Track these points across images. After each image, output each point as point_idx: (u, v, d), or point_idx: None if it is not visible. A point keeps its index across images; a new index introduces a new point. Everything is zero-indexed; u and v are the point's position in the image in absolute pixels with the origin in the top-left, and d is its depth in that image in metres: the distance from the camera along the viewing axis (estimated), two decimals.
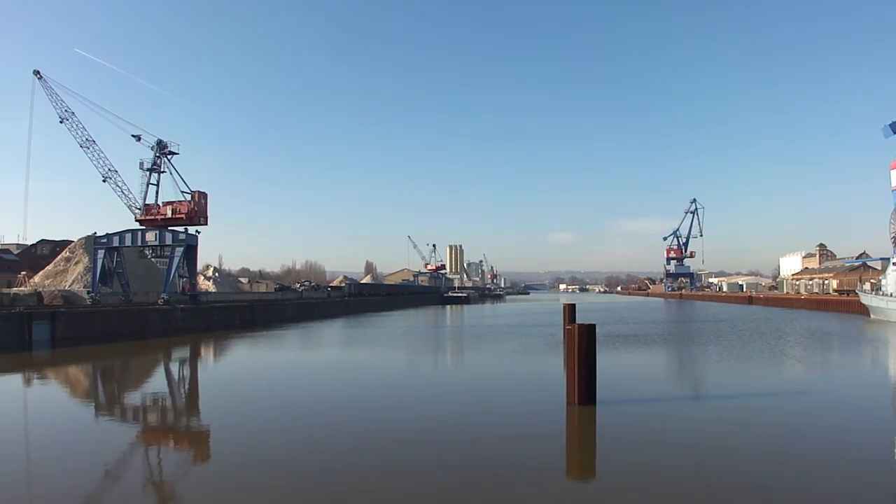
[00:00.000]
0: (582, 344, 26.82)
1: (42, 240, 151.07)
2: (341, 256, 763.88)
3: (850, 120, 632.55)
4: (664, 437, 22.56)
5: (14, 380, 41.75)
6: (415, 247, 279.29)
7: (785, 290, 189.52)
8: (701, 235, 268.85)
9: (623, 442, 21.92)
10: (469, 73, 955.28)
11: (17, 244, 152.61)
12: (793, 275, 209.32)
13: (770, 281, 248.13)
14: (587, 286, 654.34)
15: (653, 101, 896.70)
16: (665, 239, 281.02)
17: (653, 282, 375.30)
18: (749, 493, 16.31)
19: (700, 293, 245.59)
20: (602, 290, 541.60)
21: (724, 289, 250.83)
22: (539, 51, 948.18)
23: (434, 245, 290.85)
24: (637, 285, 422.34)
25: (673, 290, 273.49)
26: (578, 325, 27.66)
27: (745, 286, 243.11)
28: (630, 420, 25.41)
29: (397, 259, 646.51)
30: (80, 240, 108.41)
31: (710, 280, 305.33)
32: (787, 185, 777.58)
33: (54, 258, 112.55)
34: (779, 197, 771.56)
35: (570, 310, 55.36)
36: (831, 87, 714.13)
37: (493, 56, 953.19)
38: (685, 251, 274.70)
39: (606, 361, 37.27)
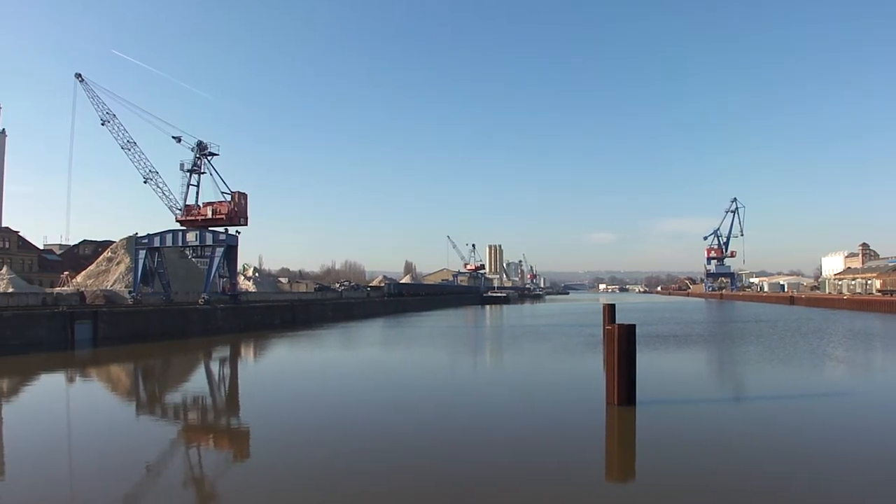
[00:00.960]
0: (622, 344, 26.65)
1: (84, 240, 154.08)
2: (381, 256, 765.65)
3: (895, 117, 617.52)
4: (705, 438, 22.28)
5: (57, 378, 42.57)
6: (454, 247, 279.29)
7: (827, 291, 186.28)
8: (742, 235, 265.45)
9: (663, 443, 21.67)
10: (511, 71, 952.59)
11: (60, 245, 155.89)
12: (835, 275, 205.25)
13: (812, 281, 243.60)
14: (627, 286, 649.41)
15: (692, 98, 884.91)
16: (705, 238, 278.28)
17: (693, 282, 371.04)
18: (791, 499, 16.03)
19: (741, 293, 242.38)
20: (642, 290, 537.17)
21: (766, 289, 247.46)
22: (577, 48, 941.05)
23: (473, 245, 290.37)
24: (677, 285, 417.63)
25: (713, 290, 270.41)
26: (618, 325, 27.52)
27: (786, 286, 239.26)
28: (670, 421, 25.13)
29: (437, 259, 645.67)
30: (121, 240, 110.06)
31: (751, 280, 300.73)
32: (830, 183, 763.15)
33: (96, 258, 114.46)
34: (821, 196, 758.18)
35: (610, 310, 55.00)
36: (875, 84, 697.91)
37: (535, 53, 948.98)
38: (726, 251, 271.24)
39: (646, 362, 36.94)
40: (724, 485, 17.02)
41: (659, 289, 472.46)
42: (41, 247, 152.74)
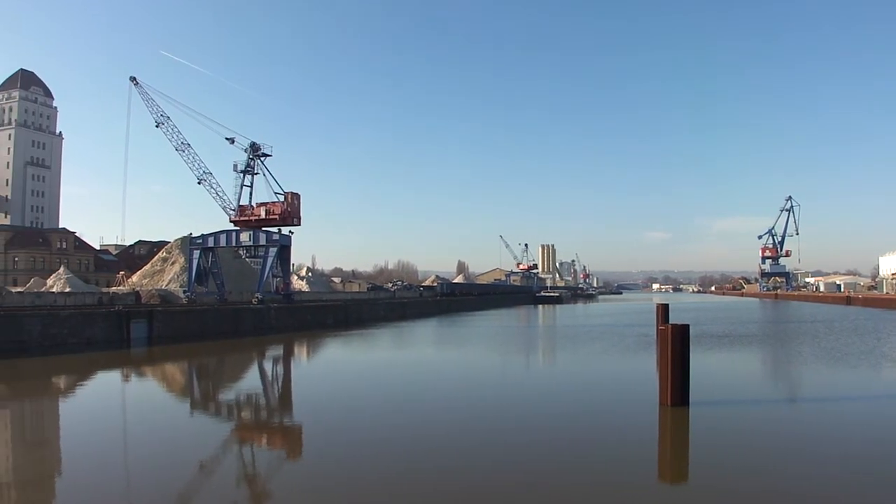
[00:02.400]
0: (675, 345, 26.37)
1: (140, 241, 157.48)
2: (433, 256, 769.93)
3: None
4: (759, 441, 21.78)
5: (113, 376, 43.54)
6: (507, 246, 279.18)
7: (885, 290, 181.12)
8: (797, 234, 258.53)
9: (716, 445, 21.40)
10: (563, 70, 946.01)
11: (116, 245, 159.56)
12: (893, 274, 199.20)
13: (869, 281, 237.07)
14: (681, 286, 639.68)
15: (749, 94, 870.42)
16: (760, 237, 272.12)
17: (747, 281, 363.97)
18: None
19: (796, 293, 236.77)
20: (696, 289, 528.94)
21: (821, 289, 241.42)
22: (628, 40, 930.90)
23: (526, 244, 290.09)
24: (731, 285, 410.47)
25: (768, 289, 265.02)
26: (672, 325, 27.28)
27: (842, 286, 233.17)
28: (724, 423, 24.78)
29: (489, 258, 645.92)
30: (176, 240, 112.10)
31: (807, 280, 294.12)
32: (887, 181, 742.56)
33: (151, 258, 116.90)
34: (878, 194, 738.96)
35: (664, 310, 54.50)
36: None
37: (586, 50, 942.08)
38: (780, 250, 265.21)
39: (700, 362, 36.36)
40: (778, 489, 16.63)
41: (713, 288, 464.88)
42: (97, 247, 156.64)
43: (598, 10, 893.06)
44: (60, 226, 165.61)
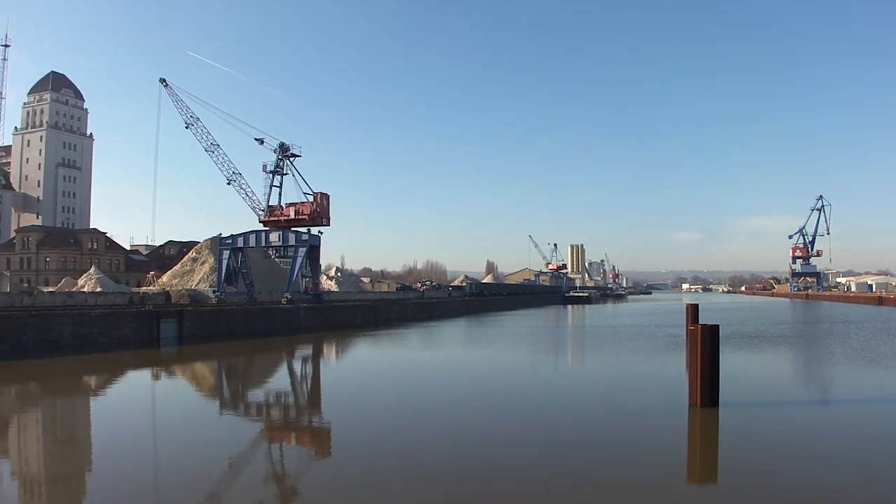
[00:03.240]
0: (705, 345, 26.31)
1: (169, 241, 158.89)
2: (462, 256, 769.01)
3: None
4: (790, 442, 21.63)
5: (143, 376, 43.95)
6: (536, 246, 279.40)
7: None
8: (828, 233, 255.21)
9: (746, 446, 21.21)
10: (594, 71, 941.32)
11: (146, 245, 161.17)
12: None
13: None
14: (710, 286, 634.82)
15: (781, 92, 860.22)
16: (790, 237, 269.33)
17: (777, 281, 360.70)
18: None
19: (827, 293, 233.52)
20: (726, 289, 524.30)
21: (853, 289, 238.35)
22: (659, 38, 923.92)
23: (555, 244, 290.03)
24: (761, 285, 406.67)
25: (798, 289, 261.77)
26: (701, 325, 27.23)
27: (874, 286, 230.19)
28: (754, 424, 24.61)
29: (518, 258, 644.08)
30: (205, 241, 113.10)
31: (838, 280, 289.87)
32: None
33: (181, 258, 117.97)
34: None
35: (693, 310, 54.25)
36: None
37: (617, 45, 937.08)
38: (811, 250, 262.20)
39: (730, 363, 36.10)
40: (809, 492, 16.52)
41: (743, 289, 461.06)
42: (128, 247, 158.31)
43: (643, 6, 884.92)
44: (91, 226, 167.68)
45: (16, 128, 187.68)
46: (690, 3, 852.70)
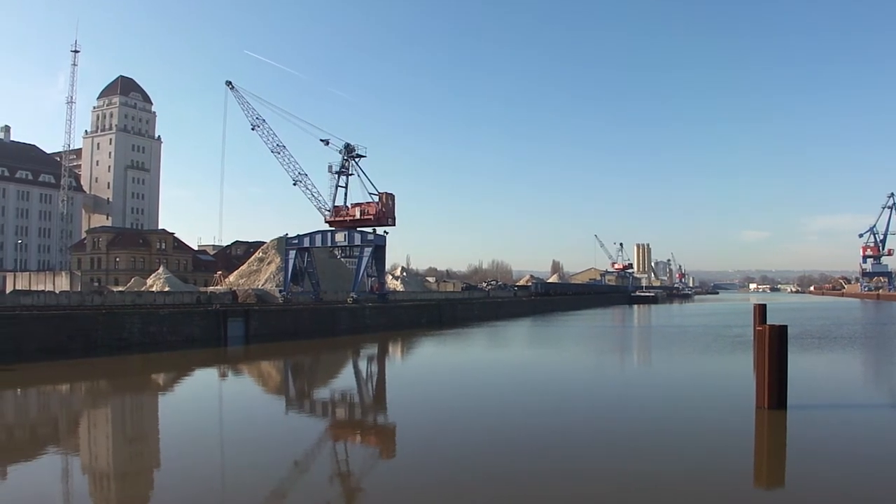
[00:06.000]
0: (773, 346, 25.85)
1: (236, 241, 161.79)
2: (528, 256, 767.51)
3: None
4: (860, 447, 21.03)
5: (210, 374, 44.69)
6: (601, 246, 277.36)
7: None
8: None
9: (815, 450, 20.83)
10: (663, 63, 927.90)
11: (213, 245, 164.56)
12: None
13: None
14: (778, 285, 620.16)
15: (851, 87, 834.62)
16: (860, 236, 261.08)
17: (847, 281, 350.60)
18: None
19: None
20: (794, 289, 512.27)
21: None
22: (727, 28, 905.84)
23: (621, 244, 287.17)
24: (831, 285, 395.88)
25: (869, 290, 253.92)
26: (769, 325, 26.81)
27: None
28: (823, 427, 24.18)
29: (584, 258, 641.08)
30: (272, 241, 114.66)
31: None
32: None
33: (248, 258, 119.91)
34: None
35: (761, 310, 53.15)
36: None
37: (682, 37, 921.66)
38: (882, 249, 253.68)
39: (798, 364, 35.30)
40: (881, 499, 16.04)
41: (812, 288, 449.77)
42: (195, 247, 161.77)
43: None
44: (160, 227, 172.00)
45: (86, 131, 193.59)
46: None
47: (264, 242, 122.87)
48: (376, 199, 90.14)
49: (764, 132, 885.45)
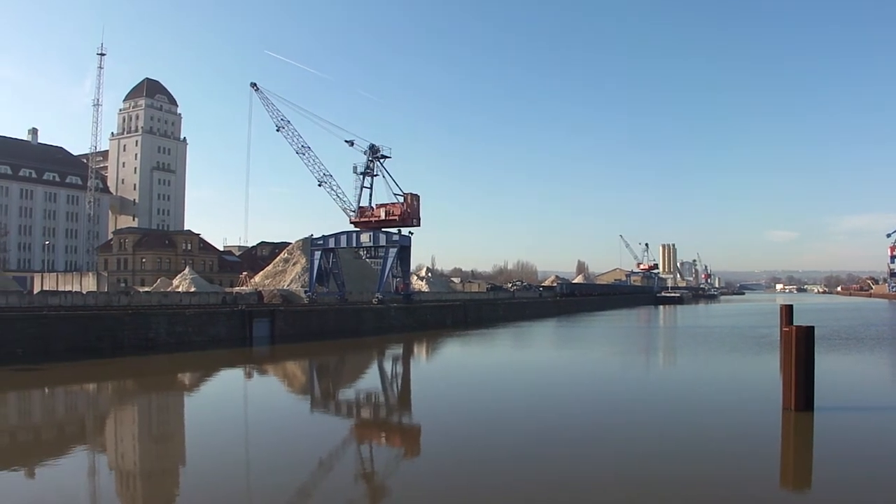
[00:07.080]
0: (800, 347, 25.71)
1: (262, 242, 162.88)
2: (553, 256, 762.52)
3: None
4: (888, 451, 20.93)
5: (236, 374, 45.04)
6: (627, 246, 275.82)
7: None
8: None
9: (842, 453, 20.67)
10: (682, 69, 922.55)
11: (239, 246, 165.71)
12: None
13: None
14: (805, 286, 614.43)
15: (877, 85, 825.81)
16: (888, 236, 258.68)
17: (875, 282, 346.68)
18: None
19: None
20: (821, 290, 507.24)
21: None
22: (749, 24, 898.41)
23: (646, 244, 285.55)
24: (858, 285, 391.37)
25: None
26: (796, 327, 26.69)
27: None
28: (850, 430, 24.02)
29: (609, 258, 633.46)
30: (297, 242, 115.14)
31: None
32: None
33: (273, 259, 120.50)
34: None
35: (788, 311, 52.90)
36: None
37: (709, 47, 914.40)
38: None
39: (826, 365, 34.95)
40: None
41: (839, 289, 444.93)
42: (221, 248, 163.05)
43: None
44: (185, 228, 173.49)
45: (112, 133, 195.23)
46: None
47: (289, 243, 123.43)
48: (401, 199, 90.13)
49: (792, 131, 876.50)
